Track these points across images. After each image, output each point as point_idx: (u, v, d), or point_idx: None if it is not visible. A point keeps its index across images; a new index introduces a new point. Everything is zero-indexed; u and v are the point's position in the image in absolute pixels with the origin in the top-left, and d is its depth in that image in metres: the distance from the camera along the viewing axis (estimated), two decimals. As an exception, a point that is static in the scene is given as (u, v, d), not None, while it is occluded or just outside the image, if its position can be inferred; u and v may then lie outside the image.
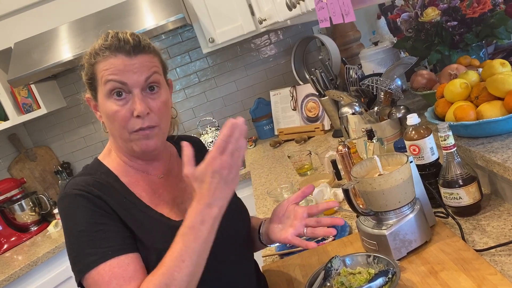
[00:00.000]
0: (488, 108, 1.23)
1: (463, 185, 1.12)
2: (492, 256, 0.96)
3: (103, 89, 0.93)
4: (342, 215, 1.44)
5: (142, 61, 0.93)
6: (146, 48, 0.94)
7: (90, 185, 0.93)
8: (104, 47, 0.92)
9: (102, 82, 0.93)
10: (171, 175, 1.08)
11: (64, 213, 0.92)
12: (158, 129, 0.96)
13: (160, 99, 0.96)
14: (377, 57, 2.08)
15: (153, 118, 0.94)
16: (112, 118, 0.93)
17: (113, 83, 0.91)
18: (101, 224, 0.88)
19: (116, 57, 0.91)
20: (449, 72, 1.53)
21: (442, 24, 1.62)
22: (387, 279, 0.89)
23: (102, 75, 0.92)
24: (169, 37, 2.94)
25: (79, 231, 0.88)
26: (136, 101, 0.92)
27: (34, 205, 2.68)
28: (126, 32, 0.95)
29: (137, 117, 0.92)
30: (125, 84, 0.91)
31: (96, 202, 0.90)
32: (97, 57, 0.93)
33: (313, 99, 2.68)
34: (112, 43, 0.92)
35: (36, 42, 2.47)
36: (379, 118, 1.61)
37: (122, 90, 0.92)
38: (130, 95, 0.92)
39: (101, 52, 0.92)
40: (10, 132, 2.96)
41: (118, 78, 0.91)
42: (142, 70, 0.93)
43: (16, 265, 2.20)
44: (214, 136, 2.88)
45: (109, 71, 0.91)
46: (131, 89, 0.92)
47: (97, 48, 0.93)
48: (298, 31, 2.97)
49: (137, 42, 0.93)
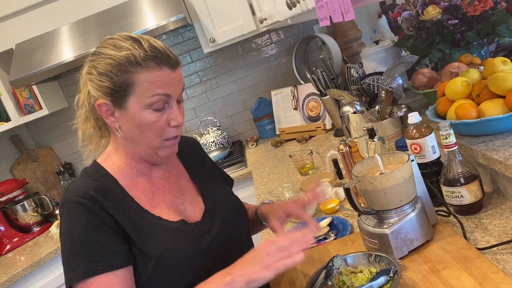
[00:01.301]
0: (490, 106, 1.22)
1: (465, 184, 1.11)
2: (494, 255, 0.96)
3: (142, 100, 0.92)
4: (343, 214, 1.44)
5: (180, 74, 0.97)
6: (180, 61, 0.98)
7: (90, 189, 0.93)
8: (147, 58, 0.90)
9: (145, 94, 0.91)
10: (171, 176, 1.08)
11: (63, 219, 0.93)
12: (179, 137, 1.02)
13: (183, 108, 1.01)
14: (378, 56, 2.08)
15: (181, 127, 1.00)
16: (148, 127, 0.94)
17: (159, 97, 0.92)
18: (95, 236, 0.89)
19: (162, 70, 0.92)
20: (450, 71, 1.53)
21: (443, 23, 1.62)
22: (389, 278, 0.89)
23: (147, 87, 0.91)
24: (170, 37, 2.94)
25: (74, 240, 0.89)
26: (176, 112, 0.96)
27: (36, 206, 2.68)
28: (155, 41, 0.95)
29: (174, 126, 0.96)
30: (169, 96, 0.94)
31: (93, 210, 0.91)
32: (137, 67, 0.90)
33: (314, 99, 2.68)
34: (155, 55, 0.91)
35: (38, 43, 2.47)
36: (380, 117, 1.60)
37: (163, 103, 0.94)
38: (166, 106, 0.95)
39: (143, 62, 0.90)
40: (12, 133, 2.96)
41: (164, 92, 0.93)
42: (180, 84, 0.97)
43: (18, 265, 2.20)
44: (215, 136, 2.88)
45: (157, 84, 0.91)
46: (170, 100, 0.95)
47: (138, 57, 0.90)
48: (299, 30, 2.97)
49: (174, 55, 0.96)
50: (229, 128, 3.10)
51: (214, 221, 1.04)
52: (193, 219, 1.03)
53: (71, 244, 0.90)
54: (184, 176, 1.12)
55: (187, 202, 1.06)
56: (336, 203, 1.49)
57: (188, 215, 1.03)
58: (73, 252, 0.89)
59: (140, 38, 0.93)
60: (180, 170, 1.13)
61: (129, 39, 0.93)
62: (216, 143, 2.86)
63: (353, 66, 1.79)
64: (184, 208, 1.04)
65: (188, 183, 1.11)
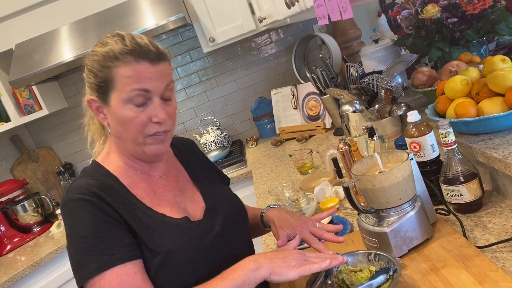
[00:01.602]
0: (489, 104, 1.22)
1: (464, 182, 1.11)
2: (493, 253, 0.96)
3: (122, 95, 0.91)
4: (343, 213, 1.44)
5: (163, 69, 0.94)
6: (164, 56, 0.95)
7: (93, 187, 0.93)
8: (125, 52, 0.90)
9: (123, 89, 0.91)
10: (170, 175, 1.08)
11: (67, 218, 0.92)
12: (170, 134, 0.99)
13: (173, 105, 0.98)
14: (377, 54, 2.07)
15: (168, 123, 0.96)
16: (128, 123, 0.93)
17: (137, 92, 0.90)
18: (104, 230, 0.88)
19: (140, 64, 0.90)
20: (449, 69, 1.53)
21: (443, 21, 1.62)
22: (388, 276, 0.89)
23: (125, 82, 0.90)
24: (170, 37, 2.94)
25: (82, 237, 0.88)
26: (157, 108, 0.93)
27: (36, 206, 2.68)
28: (141, 36, 0.94)
29: (156, 122, 0.93)
30: (148, 91, 0.91)
31: (100, 206, 0.90)
32: (116, 61, 0.90)
33: (314, 98, 2.68)
34: (134, 49, 0.90)
35: (37, 43, 2.47)
36: (380, 115, 1.60)
37: (144, 98, 0.92)
38: (148, 102, 0.93)
39: (121, 56, 0.90)
40: (12, 133, 2.96)
41: (142, 86, 0.90)
42: (163, 79, 0.93)
43: (19, 265, 2.20)
44: (215, 136, 2.88)
45: (133, 78, 0.90)
46: (152, 96, 0.92)
47: (116, 51, 0.90)
48: (298, 29, 2.96)
49: (157, 49, 0.93)
50: (229, 127, 3.10)
51: (215, 219, 1.04)
52: (194, 217, 1.03)
53: (80, 241, 0.88)
54: (183, 175, 1.12)
55: (187, 200, 1.06)
56: (336, 202, 1.49)
57: (190, 214, 1.03)
58: (83, 249, 0.87)
59: (126, 35, 0.93)
60: (179, 169, 1.13)
61: (115, 36, 0.93)
62: (216, 143, 2.86)
63: (352, 65, 1.78)
64: (185, 206, 1.04)
65: (187, 182, 1.11)
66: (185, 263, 0.94)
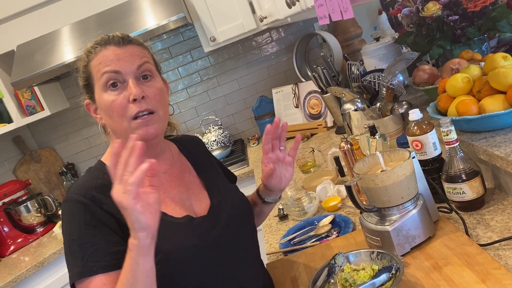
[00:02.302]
0: (491, 102, 1.22)
1: (466, 180, 1.11)
2: (496, 251, 0.96)
3: (99, 84, 0.96)
4: (345, 212, 1.44)
5: (133, 51, 0.98)
6: (135, 40, 1.00)
7: (92, 189, 0.94)
8: (95, 44, 0.98)
9: (98, 77, 0.96)
10: (175, 171, 1.08)
11: (64, 217, 0.94)
12: (158, 116, 0.98)
13: (154, 86, 0.99)
14: (378, 52, 2.07)
15: (150, 102, 0.96)
16: (110, 108, 0.95)
17: (107, 74, 0.94)
18: (92, 236, 0.89)
19: (107, 49, 0.96)
20: (451, 67, 1.52)
21: (443, 19, 1.62)
22: (391, 275, 0.89)
23: (97, 69, 0.96)
24: (171, 36, 2.94)
25: (72, 239, 0.90)
26: (131, 86, 0.94)
27: (39, 207, 2.69)
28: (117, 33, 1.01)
29: (134, 101, 0.94)
30: (118, 72, 0.95)
31: (92, 210, 0.91)
32: (89, 55, 0.97)
33: (315, 96, 2.68)
34: (101, 39, 0.98)
35: (39, 44, 2.48)
36: (382, 114, 1.60)
37: (117, 80, 0.95)
38: (125, 84, 0.95)
39: (93, 49, 0.97)
40: (14, 134, 2.97)
41: (111, 68, 0.95)
42: (134, 59, 0.97)
43: (23, 266, 2.21)
44: (217, 135, 2.88)
45: (103, 63, 0.95)
46: (125, 77, 0.95)
47: (89, 47, 0.98)
48: (299, 28, 2.96)
49: (125, 35, 0.99)
50: (231, 126, 3.10)
51: (220, 216, 1.04)
52: (199, 214, 1.03)
53: (70, 243, 0.91)
54: (189, 171, 1.12)
55: (193, 197, 1.06)
56: (338, 200, 1.49)
57: (195, 210, 1.03)
58: (72, 251, 0.90)
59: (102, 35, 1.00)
60: (185, 165, 1.13)
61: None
62: (217, 142, 2.86)
63: (353, 63, 1.78)
64: (191, 203, 1.04)
65: (193, 178, 1.11)
66: (185, 263, 0.94)
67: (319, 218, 1.43)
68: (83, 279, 0.87)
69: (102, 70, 0.95)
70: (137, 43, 1.00)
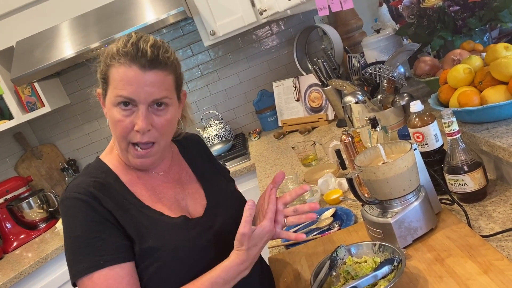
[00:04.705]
0: (492, 93, 1.21)
1: (468, 171, 1.11)
2: (498, 242, 0.95)
3: (111, 96, 0.93)
4: (347, 205, 1.44)
5: (155, 79, 0.91)
6: (163, 63, 0.92)
7: (90, 187, 0.93)
8: (121, 53, 0.91)
9: (112, 88, 0.93)
10: (172, 172, 1.08)
11: (63, 215, 0.94)
12: (157, 146, 0.97)
13: (165, 116, 0.95)
14: (379, 44, 2.06)
15: (153, 134, 0.95)
16: (115, 125, 0.94)
17: (122, 98, 0.91)
18: (96, 231, 0.89)
19: (130, 68, 0.90)
20: (452, 58, 1.51)
21: (444, 9, 1.60)
22: (393, 267, 0.89)
23: (115, 84, 0.92)
24: (170, 31, 2.93)
25: (75, 236, 0.90)
26: (140, 116, 0.92)
27: (41, 203, 2.70)
28: (148, 41, 0.92)
29: (137, 131, 0.93)
30: (133, 100, 0.92)
31: (94, 207, 0.91)
32: (112, 60, 0.92)
33: (316, 89, 2.67)
34: (129, 51, 0.90)
35: (38, 40, 2.47)
36: (383, 106, 1.60)
37: (129, 102, 0.92)
38: (136, 108, 0.93)
39: (117, 57, 0.91)
40: (15, 131, 2.97)
41: (127, 94, 0.91)
42: (153, 91, 0.91)
43: (26, 262, 2.22)
44: (217, 130, 2.88)
45: (121, 83, 0.90)
46: (138, 104, 0.92)
47: (115, 51, 0.92)
48: (299, 21, 2.95)
49: (155, 55, 0.91)
50: (232, 121, 3.10)
51: (216, 217, 1.04)
52: (195, 215, 1.03)
53: (74, 239, 0.90)
54: (186, 172, 1.11)
55: (189, 197, 1.06)
56: (340, 193, 1.49)
57: (190, 211, 1.03)
58: (76, 247, 0.90)
59: (135, 35, 0.93)
60: (182, 166, 1.12)
61: (128, 35, 0.94)
62: (218, 136, 2.86)
63: (354, 55, 1.77)
64: (186, 204, 1.04)
65: (190, 179, 1.11)
66: (179, 262, 0.94)
67: (321, 211, 1.43)
68: (91, 274, 0.87)
69: (119, 93, 0.91)
70: (163, 67, 0.92)
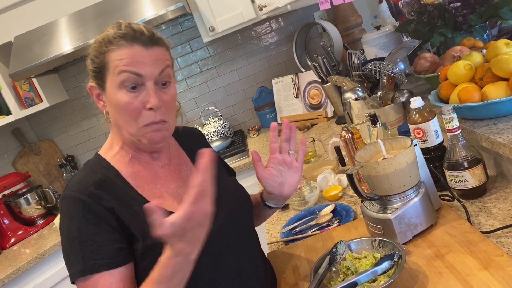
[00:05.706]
0: (493, 89, 1.21)
1: (469, 168, 1.11)
2: (498, 238, 0.95)
3: (115, 79, 0.91)
4: (346, 201, 1.44)
5: (157, 54, 0.92)
6: (160, 41, 0.94)
7: (91, 185, 0.92)
8: (119, 36, 0.90)
9: (115, 72, 0.90)
10: (172, 165, 1.07)
11: (62, 215, 0.93)
12: (168, 125, 0.97)
13: (170, 93, 0.96)
14: (379, 41, 2.06)
15: (164, 112, 0.94)
16: (123, 109, 0.92)
17: (128, 74, 0.89)
18: (92, 234, 0.88)
19: (132, 47, 0.90)
20: (452, 54, 1.51)
21: (445, 6, 1.60)
22: (393, 263, 0.89)
23: (116, 64, 0.90)
24: (169, 27, 2.92)
25: (72, 237, 0.89)
26: (150, 93, 0.91)
27: (39, 199, 2.69)
28: (138, 24, 0.94)
29: (149, 109, 0.91)
30: (140, 76, 0.90)
31: (93, 208, 0.90)
32: (109, 46, 0.91)
33: (315, 86, 2.67)
34: (127, 32, 0.90)
35: (36, 36, 2.46)
36: (383, 102, 1.59)
37: (136, 83, 0.91)
38: (143, 87, 0.91)
39: (115, 40, 0.90)
40: (13, 127, 2.96)
41: (134, 70, 0.89)
42: (157, 63, 0.92)
43: (23, 258, 2.22)
44: (216, 126, 2.87)
45: (125, 61, 0.89)
46: (145, 81, 0.91)
47: (110, 36, 0.91)
48: (299, 17, 2.94)
49: (151, 33, 0.92)
50: (231, 117, 3.09)
51: (218, 211, 1.03)
52: None
53: (70, 240, 0.89)
54: (186, 165, 1.11)
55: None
56: (339, 190, 1.49)
57: None
58: (72, 249, 0.89)
59: (124, 22, 0.93)
60: (182, 159, 1.11)
61: (114, 24, 0.94)
62: (217, 133, 2.85)
63: (354, 52, 1.77)
64: None
65: (191, 172, 1.10)
66: None
67: (320, 208, 1.42)
68: (84, 277, 0.86)
69: (123, 68, 0.89)
70: (162, 44, 0.94)
